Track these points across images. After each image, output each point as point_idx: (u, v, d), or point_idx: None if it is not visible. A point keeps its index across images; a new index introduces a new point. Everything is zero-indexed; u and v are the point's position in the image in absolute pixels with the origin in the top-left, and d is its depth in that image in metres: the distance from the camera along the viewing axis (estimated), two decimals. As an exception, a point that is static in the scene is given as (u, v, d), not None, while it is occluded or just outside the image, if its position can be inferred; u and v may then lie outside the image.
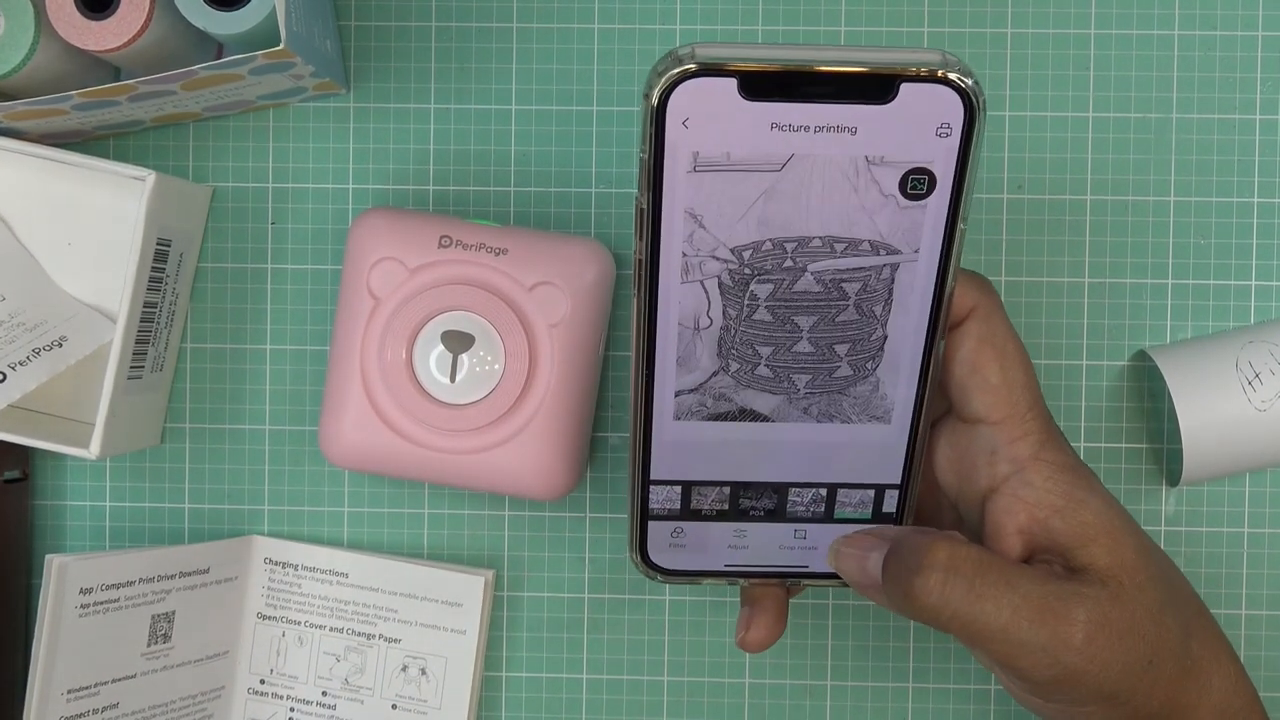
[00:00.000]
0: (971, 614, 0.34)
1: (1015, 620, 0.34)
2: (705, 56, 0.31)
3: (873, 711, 0.48)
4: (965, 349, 0.37)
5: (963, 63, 0.32)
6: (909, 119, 0.32)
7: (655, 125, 0.32)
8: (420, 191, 0.48)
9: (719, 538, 0.40)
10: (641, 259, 0.34)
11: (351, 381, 0.44)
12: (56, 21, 0.42)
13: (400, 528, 0.49)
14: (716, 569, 0.40)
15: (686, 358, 0.36)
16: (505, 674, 0.49)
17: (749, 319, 0.35)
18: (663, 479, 0.38)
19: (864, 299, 0.35)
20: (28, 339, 0.44)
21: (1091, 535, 0.36)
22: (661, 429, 0.37)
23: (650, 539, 0.40)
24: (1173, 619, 0.36)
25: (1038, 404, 0.37)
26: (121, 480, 0.49)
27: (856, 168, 0.33)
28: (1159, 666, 0.36)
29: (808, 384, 0.37)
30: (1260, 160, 0.47)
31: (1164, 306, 0.48)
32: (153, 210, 0.43)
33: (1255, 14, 0.47)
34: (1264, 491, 0.48)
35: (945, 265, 0.35)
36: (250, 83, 0.44)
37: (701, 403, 0.37)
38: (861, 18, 0.47)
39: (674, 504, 0.39)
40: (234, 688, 0.48)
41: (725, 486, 0.39)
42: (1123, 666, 0.35)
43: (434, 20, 0.48)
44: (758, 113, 0.32)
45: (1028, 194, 0.47)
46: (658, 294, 0.35)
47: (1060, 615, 0.34)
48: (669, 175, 0.33)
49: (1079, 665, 0.35)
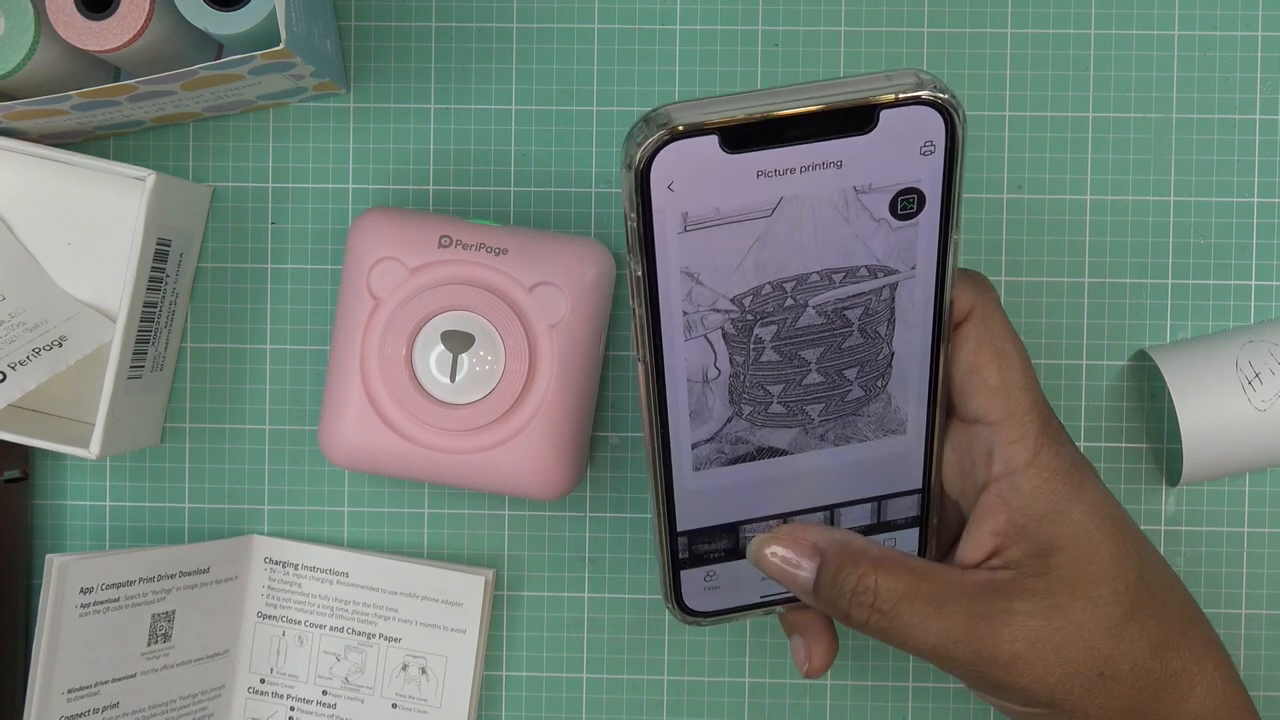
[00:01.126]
0: (900, 639, 0.36)
1: (942, 642, 0.35)
2: (682, 119, 0.31)
3: (873, 711, 0.48)
4: (964, 351, 0.37)
5: (937, 79, 0.32)
6: (892, 143, 0.32)
7: (640, 194, 0.31)
8: (420, 191, 0.48)
9: (750, 572, 0.39)
10: (641, 322, 0.34)
11: (351, 381, 0.44)
12: (56, 21, 0.42)
13: (400, 528, 0.49)
14: (753, 602, 0.40)
15: (699, 410, 0.36)
16: (505, 674, 0.49)
17: (756, 362, 0.35)
18: (689, 528, 0.38)
19: (867, 322, 0.35)
20: (28, 339, 0.44)
21: (1060, 545, 0.36)
22: (682, 480, 0.37)
23: (684, 587, 0.39)
24: (1139, 631, 0.36)
25: (1037, 404, 0.37)
26: (121, 480, 0.49)
27: (845, 199, 0.33)
28: (1113, 679, 0.36)
29: (822, 412, 0.37)
30: (1260, 160, 0.47)
31: (1164, 306, 0.48)
32: (153, 210, 0.43)
33: (1255, 14, 0.47)
34: (1264, 491, 0.48)
35: (943, 276, 0.35)
36: (250, 83, 0.44)
37: (719, 450, 0.37)
38: (861, 18, 0.47)
39: (703, 549, 0.39)
40: (234, 687, 0.48)
41: (753, 524, 0.38)
42: (1061, 677, 0.36)
43: (434, 20, 0.48)
44: (742, 164, 0.31)
45: (1028, 194, 0.47)
46: (663, 353, 0.34)
47: (985, 636, 0.35)
48: (660, 240, 0.32)
49: (1007, 679, 0.36)
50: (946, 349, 0.36)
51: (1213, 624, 0.47)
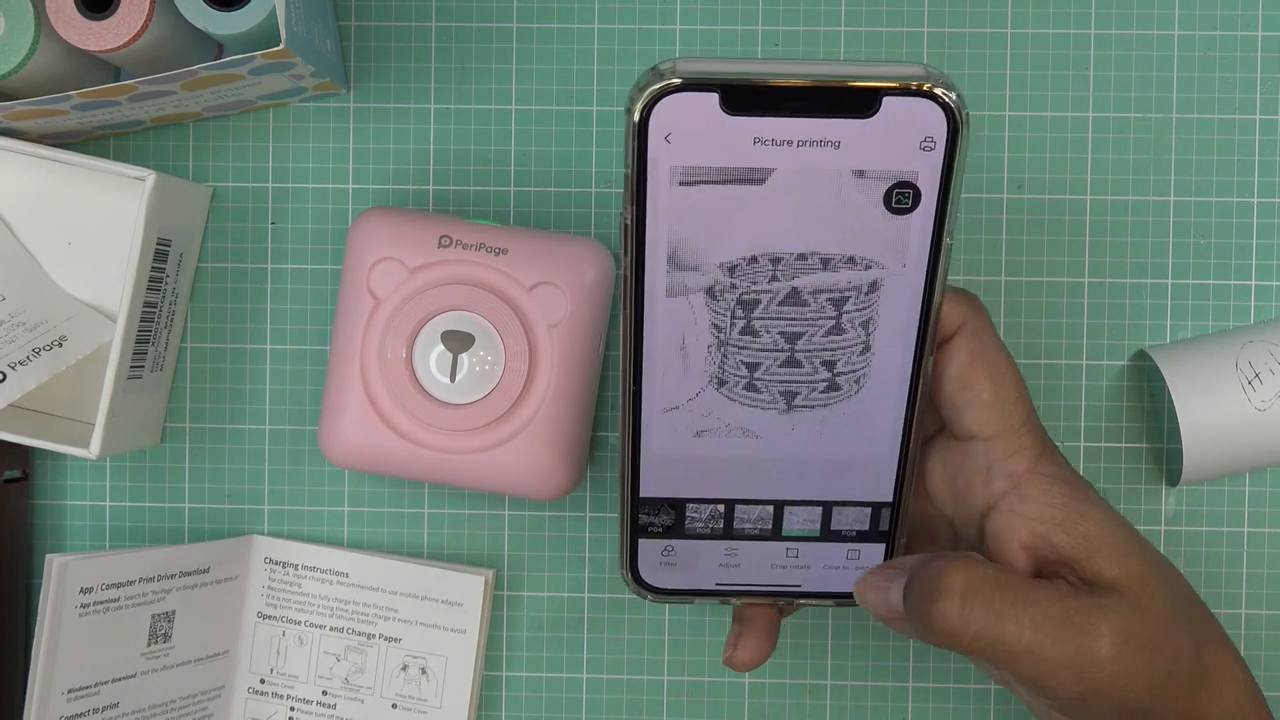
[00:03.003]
0: (993, 635, 0.34)
1: (1038, 638, 0.34)
2: (687, 71, 0.31)
3: (873, 711, 0.48)
4: (955, 365, 0.36)
5: (945, 76, 0.32)
6: (892, 132, 0.32)
7: (638, 140, 0.32)
8: (420, 191, 0.48)
9: (710, 556, 0.39)
10: (628, 274, 0.34)
11: (351, 381, 0.44)
12: (56, 22, 0.42)
13: (400, 528, 0.49)
14: (708, 588, 0.40)
15: (674, 374, 0.36)
16: (505, 674, 0.49)
17: (736, 335, 0.35)
18: (651, 496, 0.38)
19: (851, 314, 0.35)
20: (28, 339, 0.44)
21: (1095, 546, 0.35)
22: (650, 445, 0.37)
23: (641, 557, 0.40)
24: (1185, 628, 0.35)
25: (1031, 418, 0.37)
26: (121, 480, 0.49)
27: (840, 181, 0.33)
28: (1177, 676, 0.35)
29: (796, 401, 0.36)
30: (1260, 160, 0.47)
31: (1164, 306, 0.48)
32: (153, 210, 0.43)
33: (1255, 14, 0.47)
34: (1264, 491, 0.48)
35: (932, 279, 0.34)
36: (250, 83, 0.44)
37: (689, 420, 0.37)
38: (861, 18, 0.47)
39: (664, 522, 0.39)
40: (234, 687, 0.48)
41: (715, 505, 0.38)
42: (1147, 678, 0.34)
43: (434, 20, 0.48)
44: (740, 127, 0.32)
45: (1028, 194, 0.47)
46: (643, 309, 0.35)
47: (1084, 630, 0.34)
48: (652, 190, 0.33)
49: (1106, 680, 0.34)
50: (930, 361, 0.36)
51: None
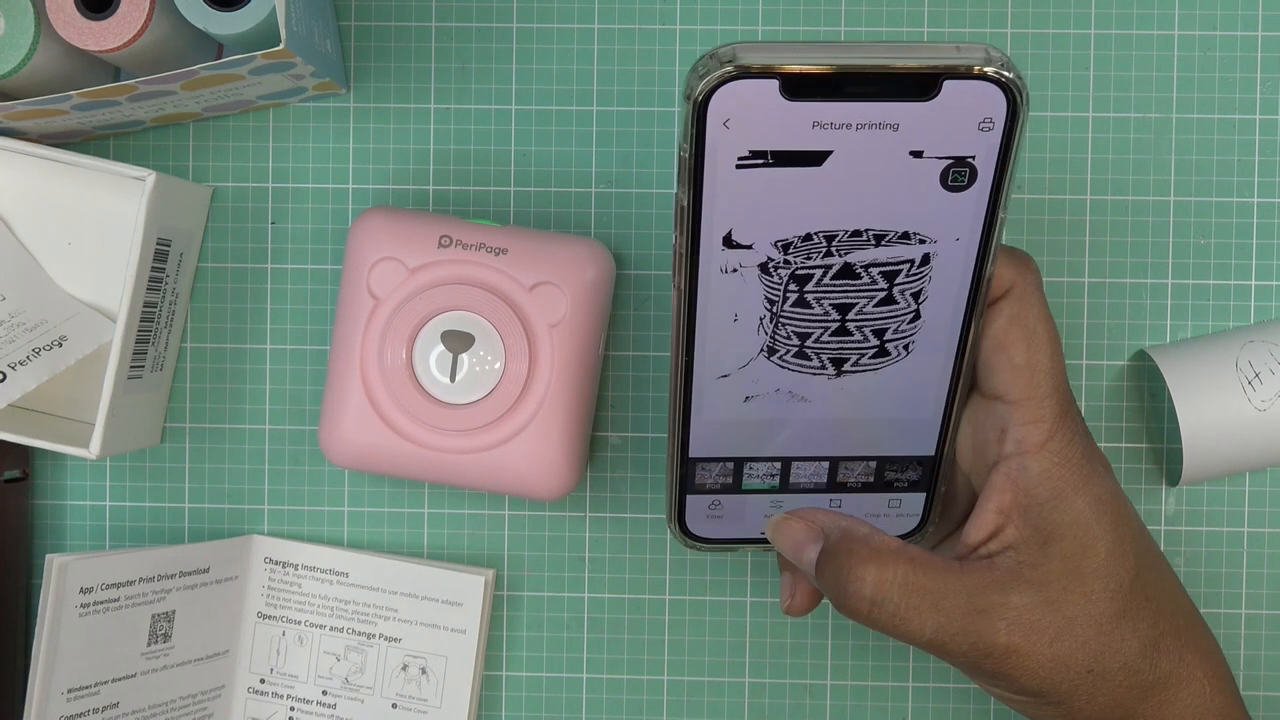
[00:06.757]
0: (898, 631, 0.36)
1: (939, 636, 0.36)
2: (747, 60, 0.31)
3: (873, 711, 0.48)
4: (995, 326, 0.37)
5: (1005, 56, 0.32)
6: (951, 114, 0.32)
7: (696, 126, 0.32)
8: (420, 191, 0.48)
9: (756, 507, 0.40)
10: (681, 251, 0.34)
11: (351, 381, 0.44)
12: (56, 21, 0.42)
13: (400, 528, 0.49)
14: (754, 536, 0.41)
15: (726, 344, 0.36)
16: (505, 674, 0.49)
17: (788, 308, 0.36)
18: (700, 457, 0.39)
19: (903, 286, 0.35)
20: (28, 339, 0.44)
21: (1059, 534, 0.36)
22: (700, 410, 0.38)
23: (688, 511, 0.40)
24: (1130, 630, 0.36)
25: (1059, 390, 0.37)
26: (121, 480, 0.49)
27: (897, 161, 0.33)
28: (1102, 675, 0.36)
29: (845, 366, 0.37)
30: (1260, 160, 0.47)
31: (1164, 306, 0.48)
32: (153, 210, 0.43)
33: (1255, 14, 0.47)
34: (1264, 491, 0.48)
35: (984, 252, 0.35)
36: (250, 83, 0.44)
37: (740, 385, 0.37)
38: (861, 18, 0.47)
39: (711, 479, 0.40)
40: (234, 687, 0.48)
41: (762, 462, 0.39)
42: (1051, 670, 0.36)
43: (434, 20, 0.48)
44: (799, 112, 0.32)
45: (1028, 194, 0.47)
46: (698, 284, 0.35)
47: (981, 629, 0.36)
48: (709, 174, 0.33)
49: (1002, 670, 0.36)
50: (978, 324, 0.37)
51: (1213, 624, 0.48)
